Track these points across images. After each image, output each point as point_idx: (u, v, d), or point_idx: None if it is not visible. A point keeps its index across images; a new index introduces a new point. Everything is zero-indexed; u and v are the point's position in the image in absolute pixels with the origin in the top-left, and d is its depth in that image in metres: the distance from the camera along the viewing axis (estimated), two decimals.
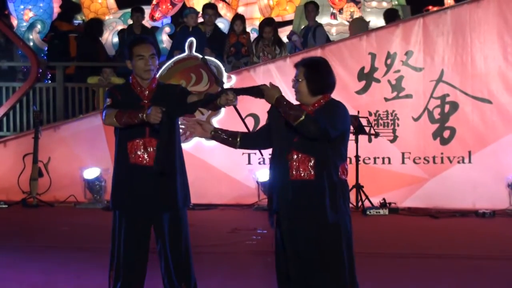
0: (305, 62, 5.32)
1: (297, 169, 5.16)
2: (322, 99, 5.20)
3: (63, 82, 13.94)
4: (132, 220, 5.81)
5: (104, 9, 18.49)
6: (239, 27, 13.34)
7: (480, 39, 11.90)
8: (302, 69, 5.22)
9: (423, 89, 12.00)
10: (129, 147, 5.74)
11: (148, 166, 5.70)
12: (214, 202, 12.06)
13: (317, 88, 5.18)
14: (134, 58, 5.77)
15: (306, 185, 5.14)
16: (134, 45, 5.82)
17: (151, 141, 5.72)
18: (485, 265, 8.23)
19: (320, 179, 5.10)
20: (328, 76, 5.25)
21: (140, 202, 5.78)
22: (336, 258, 5.15)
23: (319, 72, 5.22)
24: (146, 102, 5.74)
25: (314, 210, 5.12)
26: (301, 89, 5.20)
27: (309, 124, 4.99)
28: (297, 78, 5.22)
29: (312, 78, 5.18)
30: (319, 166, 5.11)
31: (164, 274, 5.97)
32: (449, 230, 10.36)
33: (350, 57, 12.09)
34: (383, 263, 8.22)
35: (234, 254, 8.78)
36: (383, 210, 11.33)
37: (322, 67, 5.26)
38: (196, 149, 12.09)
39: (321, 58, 5.46)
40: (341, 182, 5.19)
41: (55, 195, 12.41)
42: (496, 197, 11.58)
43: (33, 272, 7.79)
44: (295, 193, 5.14)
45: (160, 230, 5.89)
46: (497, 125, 11.83)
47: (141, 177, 5.74)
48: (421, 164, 11.95)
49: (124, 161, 5.77)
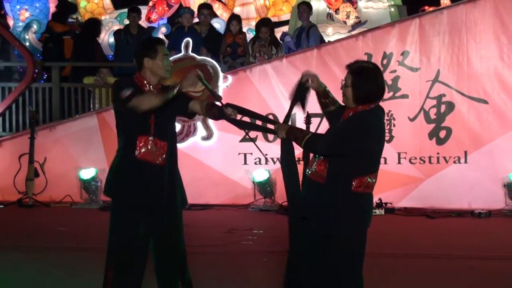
0: (354, 69, 5.25)
1: (315, 168, 5.23)
2: (361, 107, 5.19)
3: (59, 82, 13.93)
4: (134, 217, 5.81)
5: (100, 9, 18.47)
6: (235, 27, 13.34)
7: (476, 39, 11.88)
8: (350, 76, 5.20)
9: (419, 89, 11.98)
10: (139, 140, 5.77)
11: (155, 163, 5.78)
12: (210, 202, 12.05)
13: (362, 97, 5.18)
14: (158, 57, 5.82)
15: (318, 187, 5.18)
16: (159, 44, 5.90)
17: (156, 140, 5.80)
18: (481, 265, 8.24)
19: (331, 186, 5.13)
20: (375, 87, 5.22)
21: (146, 198, 5.81)
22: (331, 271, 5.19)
23: (366, 82, 5.17)
24: None
25: (320, 215, 5.17)
26: (347, 95, 5.22)
27: (314, 142, 5.12)
28: (345, 83, 5.23)
29: (358, 87, 5.16)
30: (331, 174, 5.13)
31: (160, 273, 5.99)
32: (445, 230, 10.35)
33: (347, 57, 11.88)
34: (379, 263, 8.13)
35: (230, 254, 8.79)
36: (379, 210, 11.34)
37: (369, 76, 5.20)
38: (192, 150, 12.10)
39: (371, 66, 5.32)
40: (356, 195, 5.15)
41: (51, 195, 12.37)
42: (492, 197, 11.56)
43: (29, 272, 7.78)
44: (309, 191, 5.25)
45: (158, 228, 5.91)
46: (493, 125, 11.81)
47: (147, 173, 5.78)
48: (417, 164, 11.95)
49: (130, 155, 5.79)
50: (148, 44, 5.97)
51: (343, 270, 5.18)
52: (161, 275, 6.00)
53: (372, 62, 5.41)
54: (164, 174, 5.82)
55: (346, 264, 5.19)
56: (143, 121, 5.75)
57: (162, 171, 5.82)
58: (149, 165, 5.78)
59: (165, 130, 5.88)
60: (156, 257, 5.99)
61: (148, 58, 5.83)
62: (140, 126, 5.76)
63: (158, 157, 5.80)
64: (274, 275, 5.45)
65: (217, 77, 12.19)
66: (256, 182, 11.90)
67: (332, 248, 5.15)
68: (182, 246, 6.04)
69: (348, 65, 5.29)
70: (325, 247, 5.17)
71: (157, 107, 5.60)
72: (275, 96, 11.78)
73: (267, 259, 8.20)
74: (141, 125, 5.76)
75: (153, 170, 5.78)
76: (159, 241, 5.94)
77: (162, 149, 5.82)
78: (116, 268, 5.84)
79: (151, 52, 5.83)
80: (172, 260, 5.96)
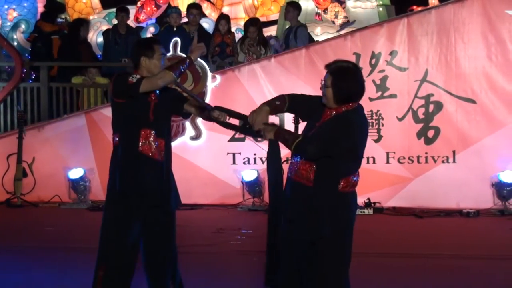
0: (334, 69, 5.18)
1: (298, 169, 5.20)
2: (344, 107, 5.15)
3: (48, 82, 13.84)
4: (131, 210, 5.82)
5: (88, 9, 18.41)
6: (223, 26, 13.31)
7: (464, 39, 11.90)
8: (330, 76, 5.14)
9: (407, 89, 11.99)
10: (141, 134, 5.81)
11: (155, 159, 5.83)
12: (199, 202, 12.03)
13: (343, 97, 5.12)
14: (155, 56, 5.88)
15: (305, 189, 5.15)
16: (156, 44, 5.97)
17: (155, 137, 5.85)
18: (469, 264, 8.29)
19: (319, 188, 5.11)
20: (355, 87, 5.16)
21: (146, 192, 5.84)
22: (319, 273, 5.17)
23: (346, 82, 5.12)
24: (153, 99, 5.87)
25: (308, 217, 5.14)
26: (327, 95, 5.16)
27: (305, 146, 5.07)
28: (325, 84, 5.18)
29: (339, 88, 5.11)
30: (319, 175, 5.11)
31: (150, 273, 6.00)
32: (434, 229, 10.38)
33: (335, 57, 11.58)
34: (367, 263, 8.16)
35: (219, 254, 8.80)
36: (368, 209, 11.35)
37: (350, 76, 5.14)
38: (181, 150, 12.03)
39: (350, 66, 5.23)
40: (343, 195, 5.15)
41: (39, 195, 12.36)
42: (480, 196, 11.59)
43: (16, 272, 7.78)
44: (294, 193, 5.22)
45: (151, 227, 5.93)
46: (481, 124, 11.83)
47: (148, 167, 5.83)
48: (406, 163, 11.95)
49: (132, 149, 5.83)
50: (145, 43, 6.05)
51: (332, 271, 5.16)
52: (151, 274, 6.00)
53: (352, 62, 5.35)
54: (163, 171, 5.88)
55: (336, 265, 5.17)
56: (143, 116, 5.81)
57: (161, 168, 5.87)
58: (151, 160, 5.83)
59: (162, 128, 5.93)
60: (146, 257, 5.99)
61: (145, 57, 5.87)
62: (141, 119, 5.82)
63: (158, 153, 5.84)
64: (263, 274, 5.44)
65: (206, 76, 12.20)
66: (245, 181, 11.91)
67: (321, 250, 5.13)
68: (174, 246, 6.06)
69: (327, 65, 5.24)
70: (313, 249, 5.15)
71: (174, 80, 5.68)
72: (264, 96, 11.66)
73: (257, 258, 8.20)
74: (143, 119, 5.81)
75: (153, 165, 5.83)
76: (151, 240, 5.95)
77: (160, 146, 5.87)
78: (107, 267, 5.84)
79: (149, 51, 5.88)
80: (163, 259, 5.98)
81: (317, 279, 5.17)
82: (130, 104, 5.79)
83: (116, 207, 5.86)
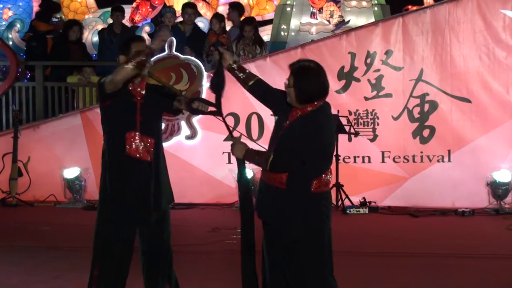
0: (295, 69, 5.19)
1: (271, 173, 5.22)
2: (309, 107, 5.15)
3: (43, 81, 13.82)
4: (123, 213, 5.81)
5: (83, 8, 18.36)
6: (215, 25, 13.33)
7: (459, 38, 11.91)
8: (291, 76, 5.16)
9: (402, 88, 12.00)
10: (127, 138, 5.77)
11: (143, 160, 5.80)
12: (194, 202, 12.02)
13: (304, 97, 5.13)
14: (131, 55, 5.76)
15: (277, 192, 5.17)
16: (134, 42, 5.86)
17: (143, 137, 5.81)
18: (464, 263, 8.30)
19: (291, 190, 5.11)
20: (317, 86, 5.15)
21: (136, 195, 5.81)
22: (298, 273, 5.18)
23: (307, 83, 5.12)
24: (139, 99, 5.82)
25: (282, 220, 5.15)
26: (290, 95, 5.18)
27: (281, 163, 5.11)
28: (288, 84, 5.18)
29: (300, 88, 5.12)
30: (291, 178, 5.11)
31: (146, 272, 6.00)
32: (429, 229, 10.40)
33: (330, 56, 12.05)
34: (363, 262, 8.23)
35: (214, 253, 8.78)
36: (363, 209, 11.36)
37: (311, 76, 5.14)
38: (176, 149, 12.06)
39: (312, 65, 5.22)
40: (316, 196, 5.14)
41: (34, 194, 12.34)
42: (476, 196, 11.61)
43: (11, 272, 7.78)
44: (267, 196, 5.25)
45: (146, 227, 5.92)
46: (476, 124, 11.84)
47: (137, 170, 5.80)
48: (401, 163, 11.96)
49: (119, 152, 5.79)
50: (124, 42, 5.97)
51: (311, 273, 5.16)
52: (147, 274, 6.00)
53: (314, 61, 5.29)
54: (152, 171, 5.84)
55: (314, 266, 5.17)
56: (130, 118, 5.78)
57: (149, 168, 5.83)
58: (137, 162, 5.79)
59: (151, 127, 5.90)
60: (141, 256, 6.00)
61: (123, 56, 5.81)
62: (126, 123, 5.78)
63: (146, 154, 5.81)
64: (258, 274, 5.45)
65: (201, 76, 12.18)
66: None
67: (298, 252, 5.13)
68: (168, 245, 6.05)
69: (290, 65, 5.23)
70: (290, 252, 5.16)
71: (134, 73, 5.54)
72: None
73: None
74: (128, 122, 5.78)
75: (141, 167, 5.80)
76: (145, 240, 5.95)
77: (150, 146, 5.83)
78: (102, 266, 5.83)
79: (126, 50, 5.82)
80: (159, 258, 5.98)
81: (296, 281, 5.18)
82: (116, 107, 5.76)
83: (108, 208, 5.86)
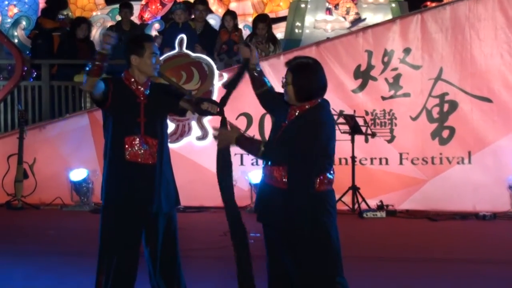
0: (293, 66, 5.16)
1: (271, 173, 5.15)
2: (307, 104, 5.11)
3: (49, 80, 13.84)
4: (126, 220, 5.74)
5: (91, 5, 18.41)
6: (228, 22, 13.34)
7: (480, 36, 11.75)
8: (290, 74, 5.13)
9: (421, 87, 11.87)
10: (126, 142, 5.72)
11: (145, 163, 5.75)
12: (205, 205, 11.84)
13: (303, 95, 5.10)
14: (145, 55, 5.77)
15: (279, 193, 5.10)
16: (147, 41, 5.86)
17: (146, 139, 5.76)
18: (485, 269, 8.22)
19: (294, 190, 5.04)
20: (316, 83, 5.13)
21: (138, 201, 5.76)
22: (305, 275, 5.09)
23: (306, 80, 5.10)
24: (142, 99, 5.81)
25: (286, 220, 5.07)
26: (288, 93, 5.14)
27: (271, 153, 5.10)
28: (286, 81, 5.13)
29: (298, 85, 5.09)
30: (292, 177, 5.05)
31: (154, 277, 5.92)
32: (449, 233, 10.31)
33: (346, 54, 11.99)
34: (380, 268, 8.16)
35: (226, 258, 8.53)
36: (380, 212, 11.25)
37: (309, 73, 5.12)
38: (187, 150, 11.98)
39: (310, 62, 5.21)
40: (319, 194, 5.08)
41: (40, 197, 12.28)
42: (497, 199, 11.44)
43: (16, 277, 7.73)
44: (270, 198, 5.19)
45: (153, 231, 5.84)
46: (498, 124, 11.70)
47: (138, 174, 5.75)
48: (420, 165, 11.81)
49: (119, 158, 5.74)
50: (135, 41, 5.92)
51: (317, 274, 5.06)
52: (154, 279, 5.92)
53: (312, 58, 5.29)
54: (155, 173, 5.80)
55: (320, 267, 5.06)
56: (133, 120, 5.75)
57: (152, 171, 5.79)
58: (139, 166, 5.75)
59: (155, 128, 5.85)
60: (149, 260, 5.91)
61: (135, 56, 5.80)
62: (128, 126, 5.75)
63: (149, 156, 5.77)
64: None
65: (213, 75, 12.09)
66: (252, 183, 11.68)
67: (303, 253, 5.04)
68: (176, 249, 5.97)
69: (287, 62, 5.22)
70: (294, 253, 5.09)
71: (94, 81, 5.59)
72: None
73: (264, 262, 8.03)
74: (130, 125, 5.75)
75: (142, 171, 5.76)
76: (153, 243, 5.86)
77: (153, 148, 5.80)
78: (108, 273, 5.75)
79: (138, 49, 5.79)
80: (166, 263, 5.90)
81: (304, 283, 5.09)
82: (118, 108, 5.74)
83: (111, 213, 5.79)
